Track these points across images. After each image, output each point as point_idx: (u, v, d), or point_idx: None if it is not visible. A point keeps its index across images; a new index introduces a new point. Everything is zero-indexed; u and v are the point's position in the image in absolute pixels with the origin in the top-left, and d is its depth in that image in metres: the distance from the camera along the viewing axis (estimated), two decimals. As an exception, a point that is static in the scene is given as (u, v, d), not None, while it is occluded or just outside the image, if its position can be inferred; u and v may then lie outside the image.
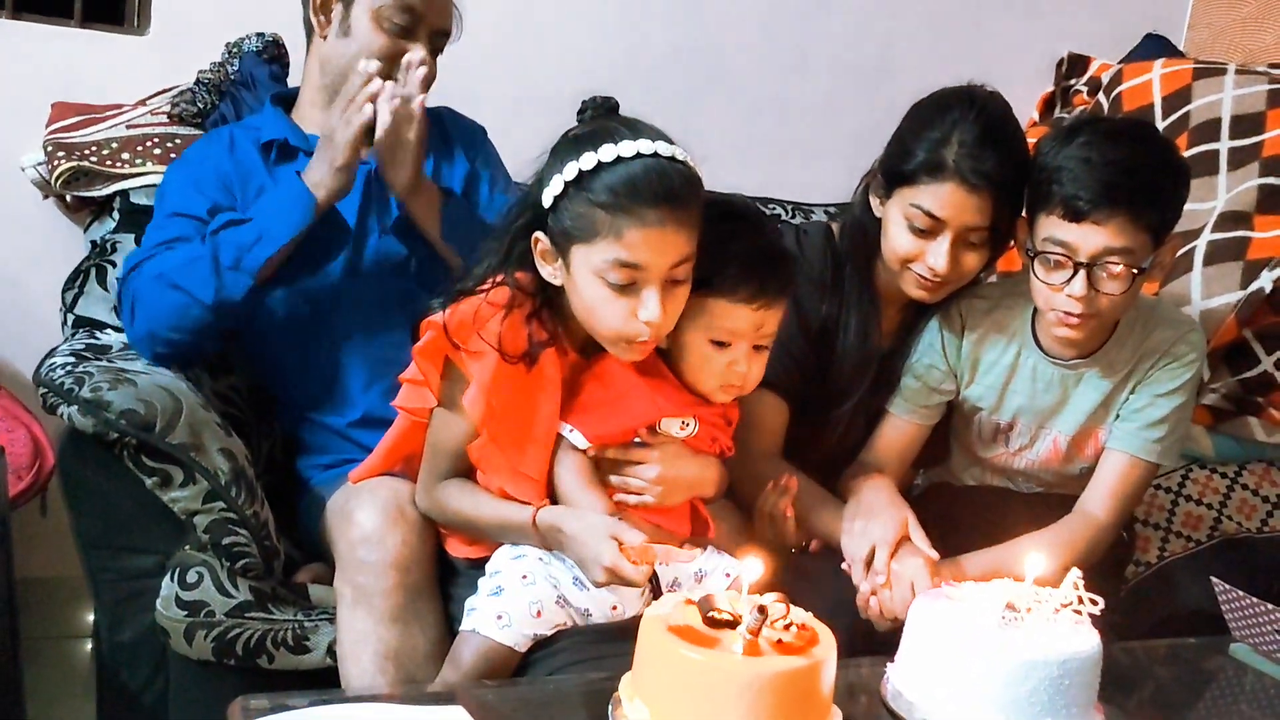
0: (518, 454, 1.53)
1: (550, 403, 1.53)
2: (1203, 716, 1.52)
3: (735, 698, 1.14)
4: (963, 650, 1.29)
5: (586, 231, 1.42)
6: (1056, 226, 1.61)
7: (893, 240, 1.71)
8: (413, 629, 1.56)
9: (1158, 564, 2.24)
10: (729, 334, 1.52)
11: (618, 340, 1.49)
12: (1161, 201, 1.63)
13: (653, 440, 1.56)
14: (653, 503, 1.54)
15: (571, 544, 1.46)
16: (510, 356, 1.48)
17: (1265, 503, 2.29)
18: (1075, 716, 1.28)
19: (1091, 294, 1.62)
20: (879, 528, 1.65)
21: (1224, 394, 2.29)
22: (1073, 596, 1.33)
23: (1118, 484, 1.77)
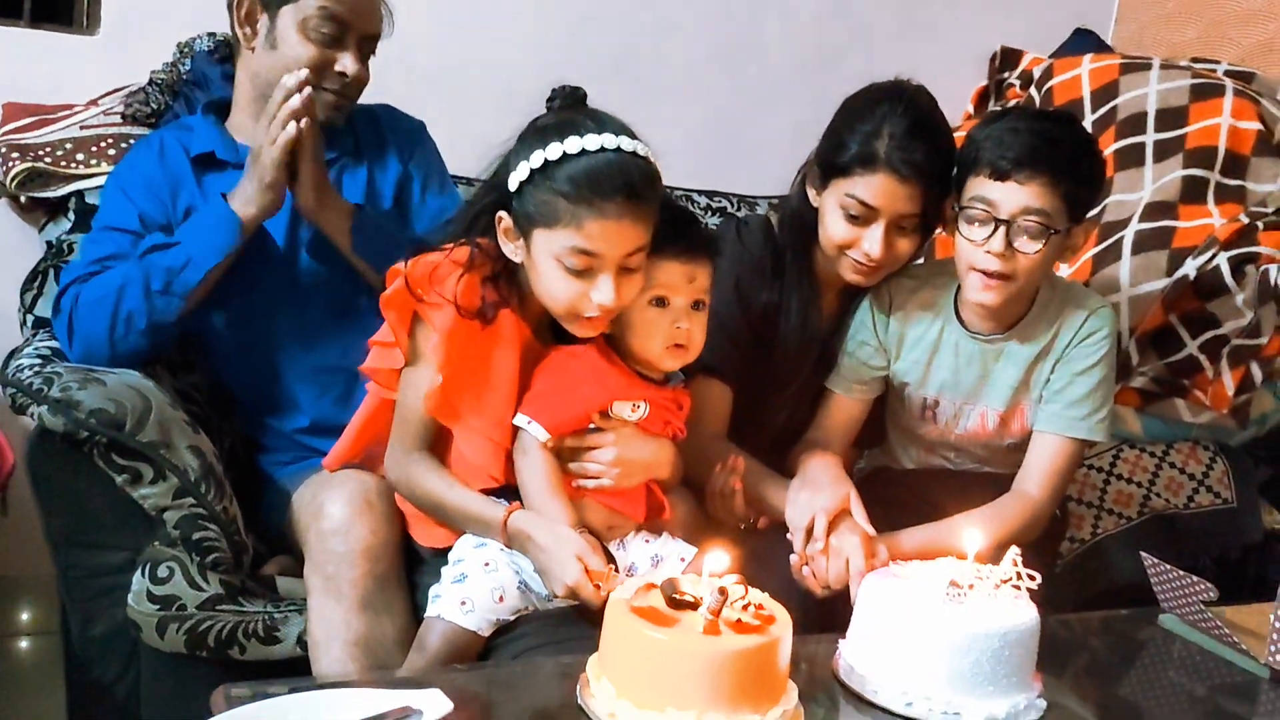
0: (476, 408, 1.58)
1: (507, 360, 1.58)
2: (1134, 684, 1.59)
3: (697, 675, 1.19)
4: (910, 626, 1.35)
5: (548, 218, 1.48)
6: (982, 185, 1.71)
7: (830, 228, 1.79)
8: (381, 617, 1.59)
9: (1091, 540, 2.32)
10: (665, 288, 1.59)
11: (569, 316, 1.56)
12: (1079, 174, 1.73)
13: (607, 425, 1.61)
14: (611, 485, 1.60)
15: (539, 554, 1.51)
16: (465, 311, 1.54)
17: (1191, 480, 2.38)
18: (1015, 686, 1.35)
19: (1009, 252, 1.71)
20: (821, 498, 1.71)
21: (1152, 377, 2.37)
22: (1012, 573, 1.40)
23: (1049, 463, 1.84)
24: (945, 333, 1.88)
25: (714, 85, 3.03)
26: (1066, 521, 2.07)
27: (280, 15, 1.83)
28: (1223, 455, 2.41)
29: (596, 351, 1.62)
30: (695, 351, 1.63)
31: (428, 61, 2.65)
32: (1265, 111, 2.61)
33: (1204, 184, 2.51)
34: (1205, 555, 2.36)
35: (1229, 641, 1.60)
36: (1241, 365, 2.33)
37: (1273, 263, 2.38)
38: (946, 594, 1.37)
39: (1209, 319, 2.38)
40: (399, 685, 1.25)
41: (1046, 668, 1.42)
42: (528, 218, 1.51)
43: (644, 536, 1.66)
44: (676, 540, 1.66)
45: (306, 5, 1.81)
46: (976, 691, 1.33)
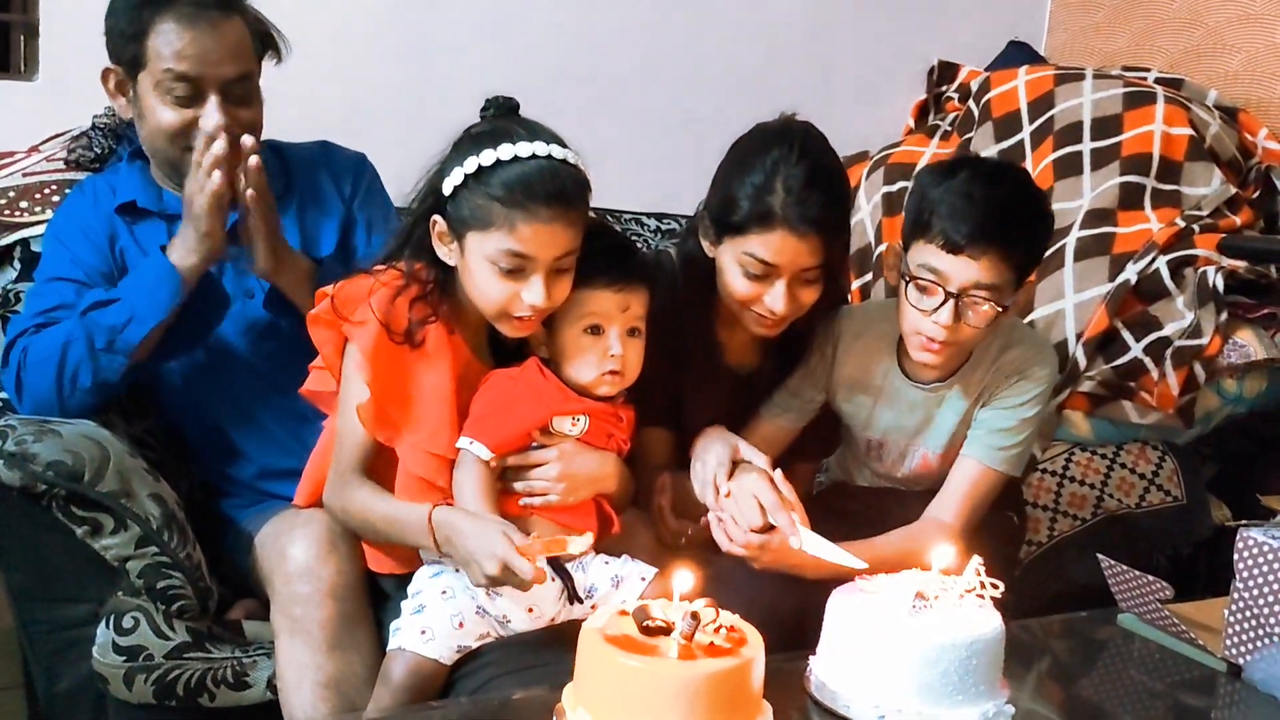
0: (411, 424, 1.60)
1: (439, 375, 1.60)
2: (1097, 684, 1.62)
3: (674, 700, 1.20)
4: (878, 639, 1.37)
5: (482, 221, 1.53)
6: (933, 255, 1.69)
7: (730, 285, 1.73)
8: (350, 655, 1.60)
9: (1048, 543, 2.36)
10: (599, 318, 1.62)
11: (501, 316, 1.59)
12: (1030, 243, 1.73)
13: (549, 441, 1.63)
14: (557, 501, 1.62)
15: (465, 539, 1.50)
16: (393, 332, 1.57)
17: (1142, 479, 2.43)
18: (983, 694, 1.38)
19: (955, 324, 1.70)
20: (712, 455, 1.73)
21: (1099, 381, 2.42)
22: (975, 582, 1.43)
23: (966, 489, 1.83)
24: (888, 380, 1.87)
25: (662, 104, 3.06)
26: (1024, 528, 2.10)
27: (139, 84, 1.79)
28: (1171, 454, 2.47)
29: (533, 370, 1.64)
30: (630, 378, 1.65)
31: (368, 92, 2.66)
32: (1195, 117, 2.69)
33: (1141, 190, 2.58)
34: (1159, 553, 2.41)
35: (1186, 638, 1.64)
36: (1184, 366, 2.38)
37: (1209, 265, 2.45)
38: (913, 606, 1.39)
39: (1151, 322, 2.44)
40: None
41: (1012, 673, 1.45)
42: (462, 221, 1.55)
43: (603, 558, 1.67)
44: (636, 561, 1.67)
45: (155, 70, 1.76)
46: (946, 701, 1.35)
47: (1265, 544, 1.56)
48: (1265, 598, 1.55)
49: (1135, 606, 1.71)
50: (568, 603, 1.63)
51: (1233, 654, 1.59)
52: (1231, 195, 2.60)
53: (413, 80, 2.76)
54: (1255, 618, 1.56)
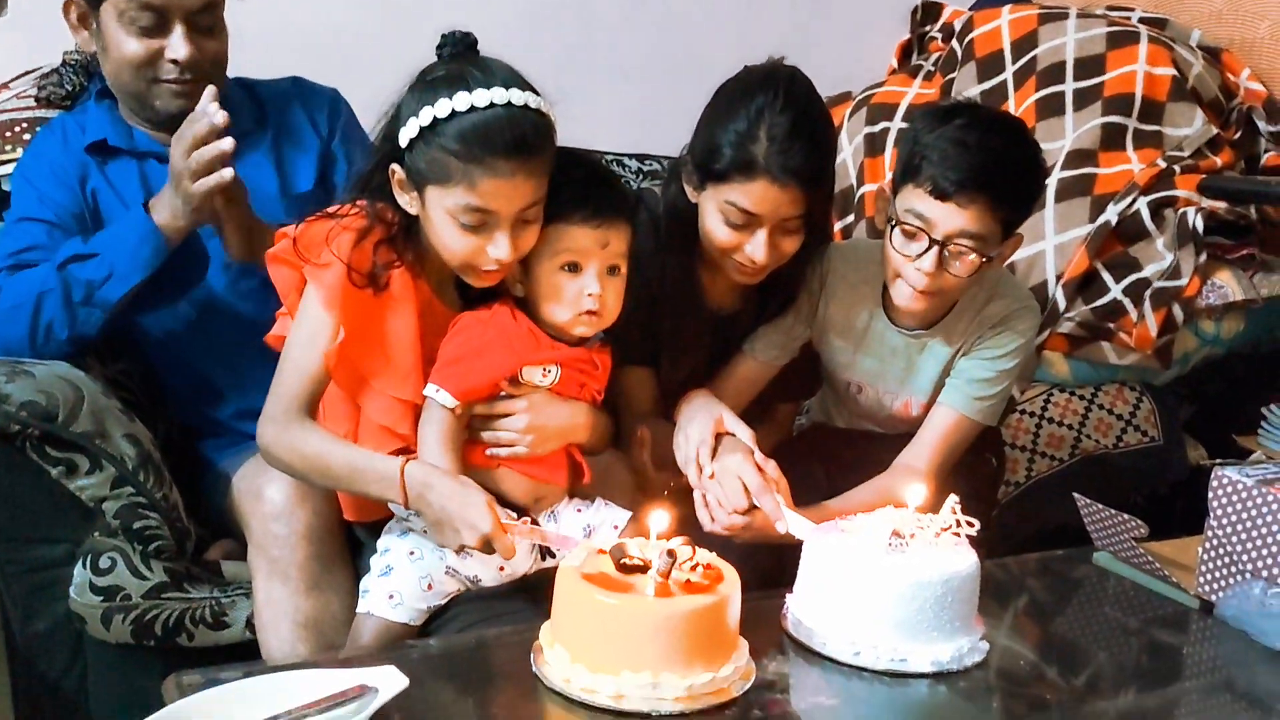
0: (375, 369, 1.55)
1: (404, 320, 1.54)
2: (1071, 621, 1.64)
3: (650, 637, 1.21)
4: (854, 577, 1.38)
5: (440, 176, 1.46)
6: (920, 201, 1.66)
7: (711, 232, 1.70)
8: (328, 596, 1.59)
9: (1026, 484, 2.37)
10: (576, 255, 1.55)
11: (466, 269, 1.54)
12: (1020, 196, 1.70)
13: (517, 391, 1.58)
14: (526, 453, 1.58)
15: (445, 502, 1.46)
16: (357, 276, 1.51)
17: (1119, 420, 2.44)
18: (959, 630, 1.39)
19: (939, 271, 1.67)
20: (695, 429, 1.70)
21: (1079, 322, 2.42)
22: (951, 520, 1.43)
23: (940, 438, 1.82)
24: (873, 324, 1.85)
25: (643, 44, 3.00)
26: (1003, 469, 2.11)
27: (102, 14, 1.75)
28: (1148, 395, 2.47)
29: (505, 314, 1.58)
30: (609, 318, 1.59)
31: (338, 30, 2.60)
32: (1178, 57, 2.66)
33: (1123, 131, 2.56)
34: (1135, 493, 2.42)
35: (1160, 575, 1.65)
36: (1163, 307, 2.38)
37: (1190, 205, 2.44)
38: (889, 544, 1.40)
39: (1131, 263, 2.43)
40: (350, 664, 1.25)
41: (987, 610, 1.46)
42: (420, 173, 1.47)
43: (575, 505, 1.64)
44: (609, 506, 1.65)
45: None
46: (921, 638, 1.36)
47: (1240, 483, 1.56)
48: (1239, 535, 1.56)
49: (1111, 545, 1.72)
50: (539, 557, 1.61)
51: (1206, 591, 1.61)
52: (1213, 136, 2.58)
53: (384, 17, 2.70)
54: (1228, 555, 1.57)
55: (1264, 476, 1.57)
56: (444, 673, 1.34)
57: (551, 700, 1.24)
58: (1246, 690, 1.43)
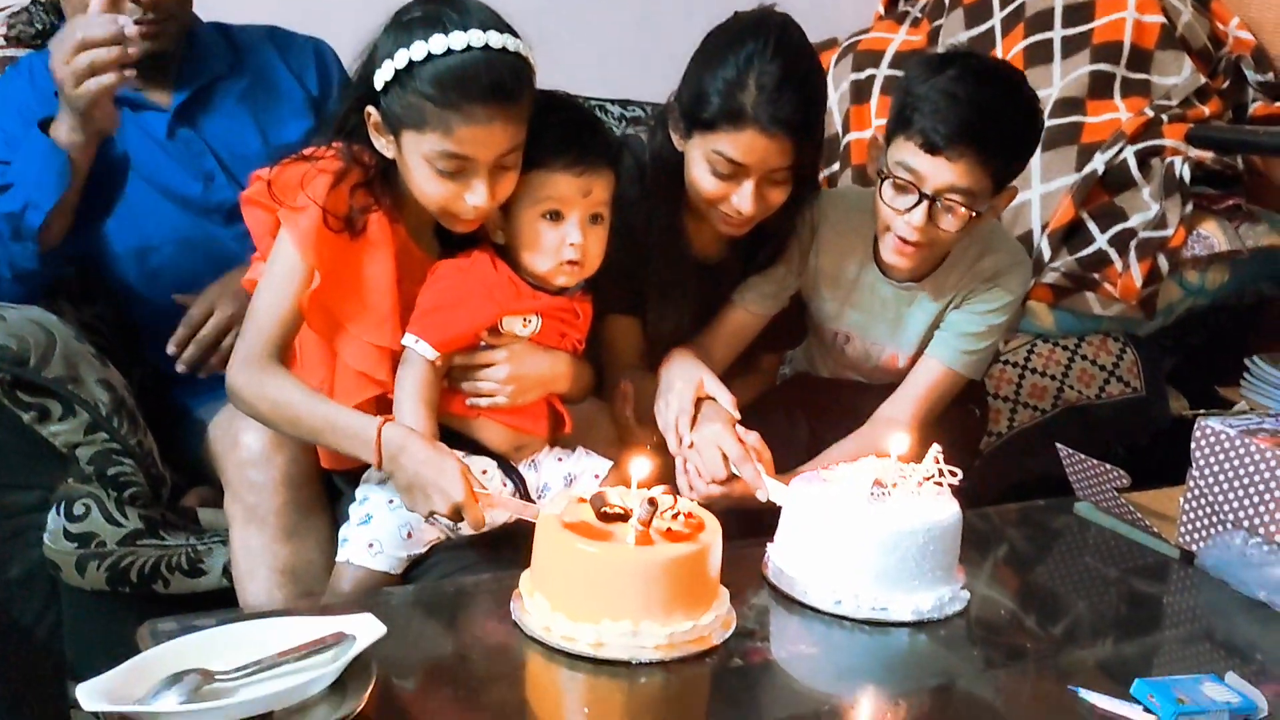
0: (351, 314, 1.52)
1: (381, 264, 1.52)
2: (1052, 571, 1.64)
3: (631, 586, 1.20)
4: (836, 526, 1.38)
5: (416, 121, 1.42)
6: (911, 154, 1.63)
7: (697, 181, 1.68)
8: (307, 543, 1.58)
9: (1008, 434, 2.37)
10: (558, 203, 1.52)
11: (444, 215, 1.51)
12: (1012, 150, 1.66)
13: (497, 341, 1.57)
14: (506, 404, 1.56)
15: (420, 468, 1.44)
16: (333, 220, 1.48)
17: (1102, 371, 2.44)
18: (939, 579, 1.39)
19: (928, 225, 1.65)
20: (675, 395, 1.69)
21: (1063, 272, 2.41)
22: (934, 470, 1.42)
23: (924, 391, 1.81)
24: (863, 274, 1.83)
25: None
26: (986, 419, 2.10)
27: None
28: (1132, 346, 2.47)
29: (485, 262, 1.56)
30: (591, 268, 1.57)
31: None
32: (1168, 4, 2.64)
33: (1110, 79, 2.54)
34: (1117, 443, 2.42)
35: (1141, 525, 1.65)
36: (1148, 257, 2.37)
37: (1177, 155, 2.43)
38: (871, 493, 1.39)
39: (1117, 213, 2.42)
40: (328, 612, 1.23)
41: (968, 559, 1.46)
42: (395, 118, 1.44)
43: (556, 454, 1.64)
44: (590, 455, 1.64)
45: None
46: (903, 587, 1.36)
47: (1222, 433, 1.56)
48: (1220, 486, 1.56)
49: (1092, 495, 1.72)
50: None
51: (1186, 541, 1.61)
52: (1201, 85, 2.57)
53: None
54: (1209, 505, 1.57)
55: (1246, 427, 1.58)
56: (423, 620, 1.34)
57: (531, 648, 1.23)
58: (1226, 638, 1.44)
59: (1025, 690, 1.29)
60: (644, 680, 1.20)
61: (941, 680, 1.30)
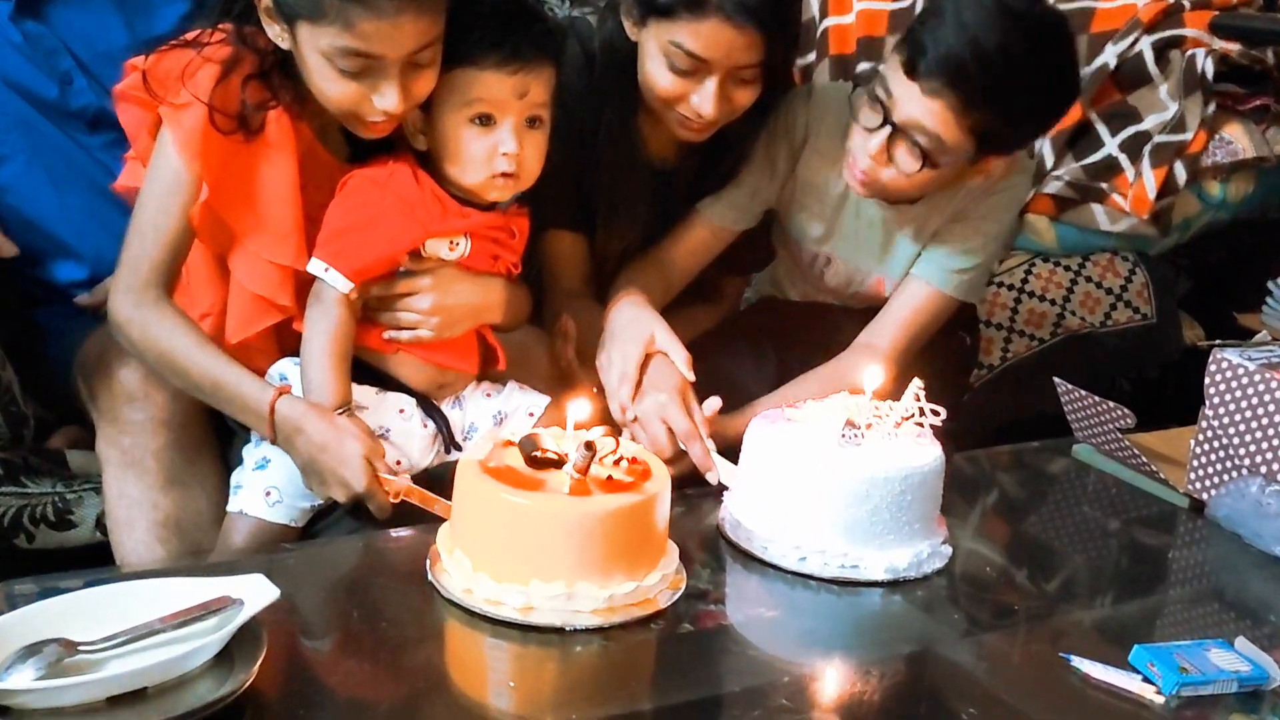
0: (248, 226, 1.50)
1: (281, 169, 1.49)
2: (1045, 521, 1.66)
3: (565, 541, 1.20)
4: (801, 472, 1.38)
5: (311, 11, 1.38)
6: (894, 70, 1.60)
7: (652, 77, 1.65)
8: (194, 491, 1.57)
9: (1000, 366, 2.39)
10: (490, 106, 1.49)
11: (350, 119, 1.48)
12: (1008, 112, 1.59)
13: (420, 267, 1.54)
14: (431, 337, 1.55)
15: (315, 453, 1.43)
16: (222, 119, 1.45)
17: (1109, 295, 2.45)
18: (918, 532, 1.39)
19: (883, 159, 1.62)
20: (620, 353, 1.66)
21: (1067, 181, 2.41)
22: (914, 408, 1.42)
23: (908, 315, 1.80)
24: (850, 190, 1.80)
25: None
26: (976, 349, 2.11)
27: None
28: (1142, 266, 2.49)
29: (404, 175, 1.53)
30: (528, 179, 1.54)
31: None
32: None
33: (1126, -43, 2.52)
34: (1122, 377, 2.46)
35: (1147, 470, 1.67)
36: (1164, 165, 2.38)
37: (1199, 47, 2.42)
38: (842, 435, 1.39)
39: (1130, 113, 2.43)
40: (215, 572, 1.23)
41: (951, 509, 1.48)
42: (288, 5, 1.40)
43: (484, 390, 1.63)
44: (524, 391, 1.64)
45: None
46: (876, 541, 1.36)
47: (1240, 366, 1.57)
48: (1236, 426, 1.57)
49: (1093, 436, 1.74)
50: (442, 449, 1.58)
51: (1196, 488, 1.63)
52: (1229, -35, 2.56)
53: None
54: (1224, 449, 1.59)
55: (1268, 360, 1.59)
56: (325, 582, 1.33)
57: (450, 613, 1.23)
58: (1237, 598, 1.46)
59: (1012, 657, 1.30)
60: (579, 649, 1.19)
61: (918, 646, 1.31)
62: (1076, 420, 1.76)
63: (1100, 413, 1.70)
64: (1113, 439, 1.70)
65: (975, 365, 2.26)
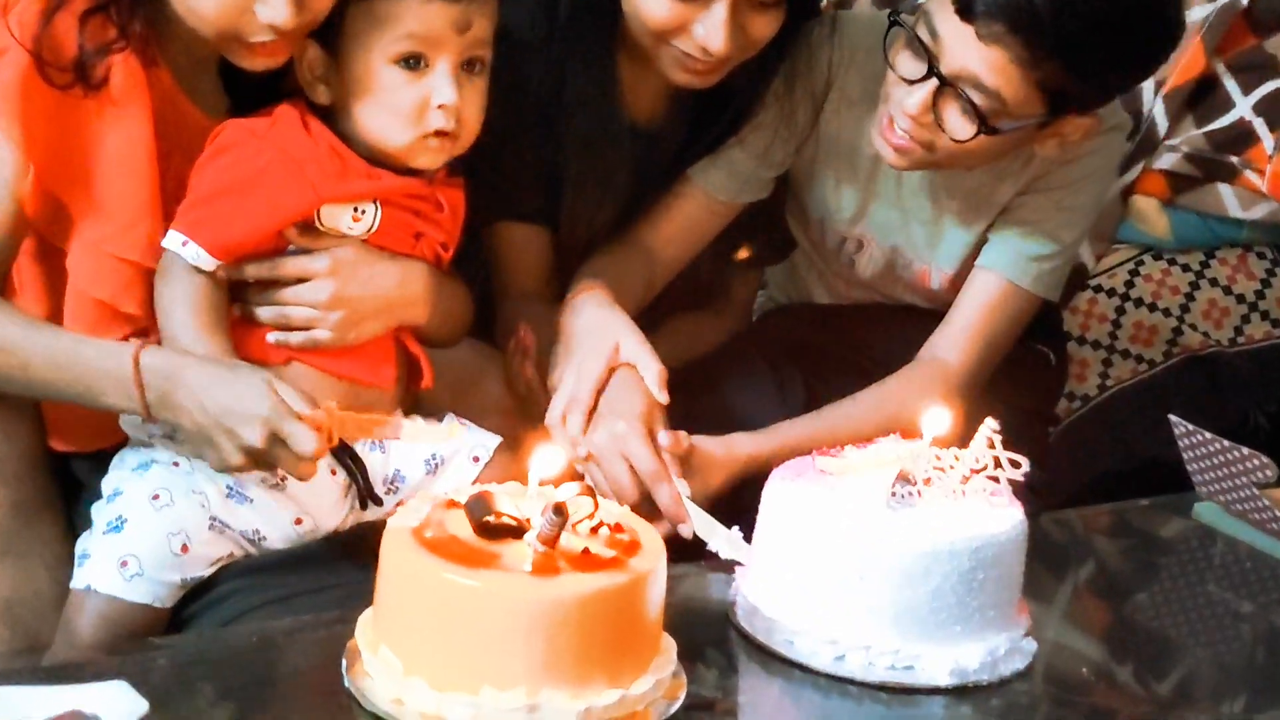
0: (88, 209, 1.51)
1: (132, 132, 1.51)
2: (1156, 601, 1.68)
3: (526, 635, 1.20)
4: (838, 543, 1.38)
5: None
6: (942, 9, 1.62)
7: (645, 5, 1.67)
8: (28, 564, 1.58)
9: (1098, 397, 2.41)
10: (422, 43, 1.50)
11: (228, 39, 1.48)
12: (1086, 60, 1.61)
13: (314, 244, 1.55)
14: (331, 340, 1.55)
15: (202, 395, 1.43)
16: (52, 69, 1.46)
17: (1240, 303, 2.47)
18: (992, 621, 1.40)
19: (926, 117, 1.64)
20: (575, 369, 1.67)
21: (1186, 153, 2.43)
22: (987, 457, 1.43)
23: (982, 318, 1.83)
24: None
25: None
26: (1065, 371, 2.13)
27: None
28: (1286, 265, 2.51)
29: (291, 121, 1.54)
30: (468, 139, 1.56)
31: None
32: None
33: None
34: (1259, 411, 2.46)
35: (1290, 537, 1.69)
36: (1314, 131, 2.40)
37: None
38: (892, 493, 1.40)
39: (1267, 64, 2.46)
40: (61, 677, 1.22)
41: (1036, 591, 1.48)
42: None
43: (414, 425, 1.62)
44: (468, 428, 1.65)
45: None
46: (937, 634, 1.37)
47: None
48: None
49: (1220, 492, 1.75)
50: (357, 504, 1.59)
51: (1357, 562, 1.64)
52: None
53: None
54: (1393, 510, 1.60)
55: None
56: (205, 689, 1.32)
57: (374, 732, 1.23)
58: None
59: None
60: (546, 780, 1.20)
61: (993, 774, 1.32)
62: (1198, 470, 1.77)
63: (1230, 461, 1.71)
64: (1246, 495, 1.71)
65: (1063, 395, 2.27)
